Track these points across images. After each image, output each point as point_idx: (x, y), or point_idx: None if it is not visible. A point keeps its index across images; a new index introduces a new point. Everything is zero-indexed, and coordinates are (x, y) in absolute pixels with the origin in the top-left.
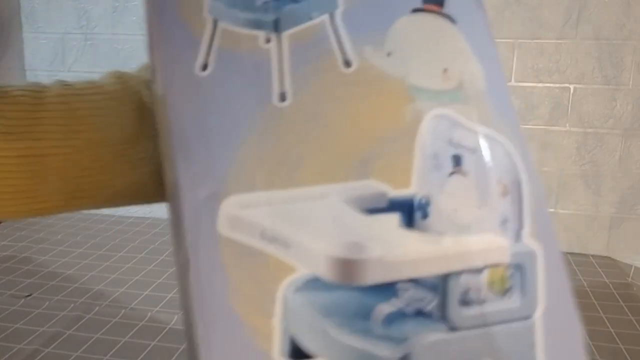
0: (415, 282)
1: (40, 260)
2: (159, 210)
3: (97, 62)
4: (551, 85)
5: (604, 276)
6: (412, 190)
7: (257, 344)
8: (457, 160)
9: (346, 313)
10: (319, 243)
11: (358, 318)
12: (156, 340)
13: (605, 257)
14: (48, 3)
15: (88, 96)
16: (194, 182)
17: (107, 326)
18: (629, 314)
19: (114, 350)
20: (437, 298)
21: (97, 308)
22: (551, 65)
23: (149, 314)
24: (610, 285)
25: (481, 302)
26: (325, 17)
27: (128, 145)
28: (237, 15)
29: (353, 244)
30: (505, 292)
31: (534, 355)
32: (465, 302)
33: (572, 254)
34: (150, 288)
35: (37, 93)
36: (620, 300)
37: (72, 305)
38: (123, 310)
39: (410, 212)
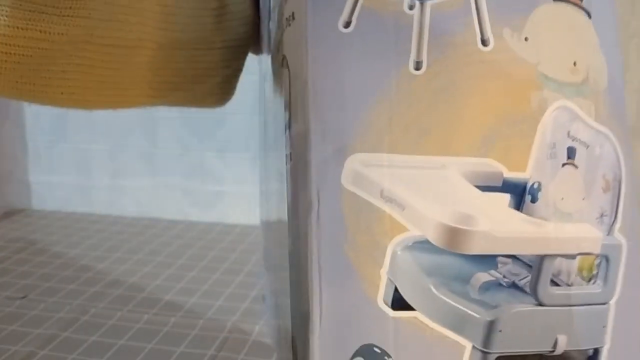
0: (514, 257)
1: (35, 262)
2: (156, 211)
3: None
4: None
5: None
6: (526, 174)
7: (365, 289)
8: (571, 153)
9: (447, 275)
10: (433, 209)
11: (457, 281)
12: (153, 343)
13: None
14: None
15: None
16: (324, 135)
17: (104, 329)
18: None
19: (110, 352)
20: (530, 275)
21: (93, 310)
22: None
23: (146, 316)
24: None
25: (569, 284)
26: None
27: (200, 51)
28: None
29: (464, 215)
30: (590, 278)
31: (604, 337)
32: (554, 282)
33: None
34: (147, 290)
35: None
36: None
37: (68, 307)
38: (119, 313)
39: (521, 194)
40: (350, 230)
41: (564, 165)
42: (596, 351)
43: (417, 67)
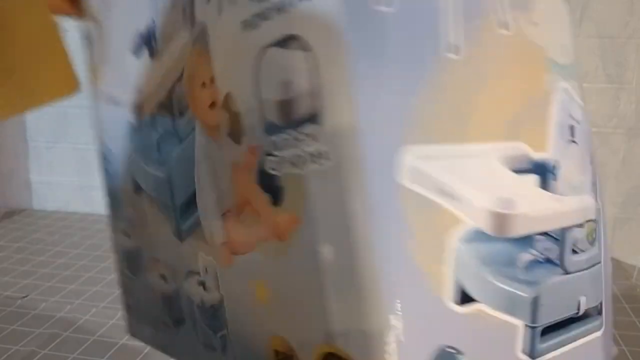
0: (545, 234)
1: (36, 261)
2: None
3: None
4: None
5: None
6: (548, 154)
7: (433, 290)
8: (572, 131)
9: (500, 261)
10: (481, 199)
11: (508, 266)
12: None
13: None
14: None
15: None
16: (374, 127)
17: (105, 328)
18: (632, 316)
19: (111, 351)
20: (558, 248)
21: (94, 309)
22: None
23: None
24: (614, 286)
25: (582, 250)
26: None
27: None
28: None
29: (506, 199)
30: (593, 241)
31: (602, 291)
32: (574, 251)
33: None
34: None
35: None
36: (623, 302)
37: (69, 306)
38: (120, 312)
39: (544, 173)
40: (412, 230)
41: (569, 143)
42: (600, 305)
43: (455, 51)
